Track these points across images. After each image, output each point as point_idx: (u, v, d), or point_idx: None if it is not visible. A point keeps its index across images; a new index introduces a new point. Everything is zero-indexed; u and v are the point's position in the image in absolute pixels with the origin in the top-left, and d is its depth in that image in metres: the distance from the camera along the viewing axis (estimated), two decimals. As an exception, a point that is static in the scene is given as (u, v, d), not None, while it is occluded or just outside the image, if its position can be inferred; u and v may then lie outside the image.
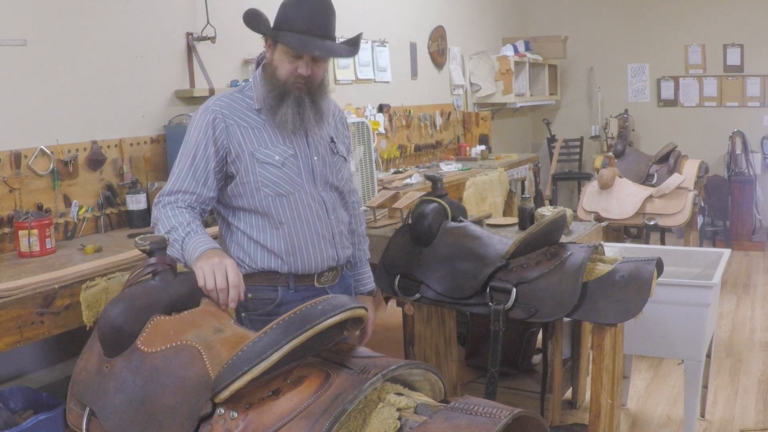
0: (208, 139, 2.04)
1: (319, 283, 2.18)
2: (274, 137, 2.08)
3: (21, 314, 2.16)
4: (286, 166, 2.08)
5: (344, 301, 1.39)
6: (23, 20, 2.91)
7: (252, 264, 2.12)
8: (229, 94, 2.12)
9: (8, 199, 2.84)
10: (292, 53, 2.03)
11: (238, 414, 1.29)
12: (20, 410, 2.58)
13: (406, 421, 1.21)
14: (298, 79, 2.04)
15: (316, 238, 2.13)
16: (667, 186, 4.83)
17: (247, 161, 2.06)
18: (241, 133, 2.06)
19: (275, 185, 2.07)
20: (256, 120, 2.09)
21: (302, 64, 2.03)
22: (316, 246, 2.13)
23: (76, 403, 1.54)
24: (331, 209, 2.17)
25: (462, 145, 6.32)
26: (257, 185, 2.07)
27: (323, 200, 2.15)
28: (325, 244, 2.15)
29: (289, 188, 2.09)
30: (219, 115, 2.05)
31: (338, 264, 2.22)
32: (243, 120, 2.07)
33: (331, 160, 2.19)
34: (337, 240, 2.18)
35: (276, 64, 2.06)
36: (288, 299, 2.13)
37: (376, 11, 5.41)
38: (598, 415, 2.34)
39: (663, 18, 7.67)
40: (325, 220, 2.15)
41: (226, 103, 2.08)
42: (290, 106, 2.05)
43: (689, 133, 7.45)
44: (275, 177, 2.07)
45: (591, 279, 2.29)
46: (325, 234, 2.15)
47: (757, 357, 4.09)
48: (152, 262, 1.65)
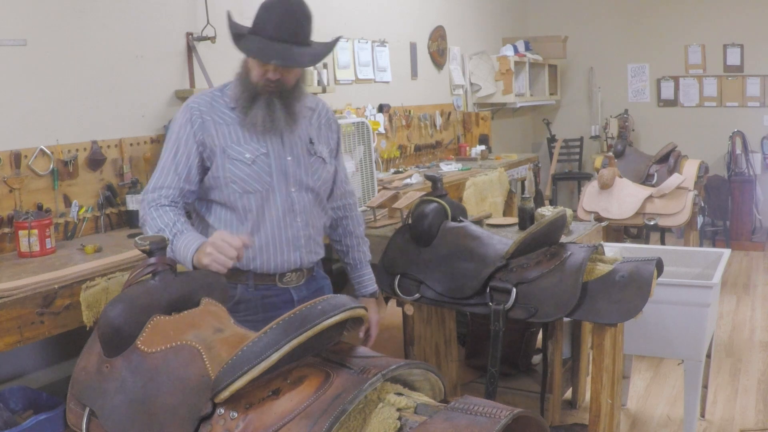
0: (188, 135, 2.08)
1: (282, 283, 2.17)
2: (248, 135, 2.09)
3: (21, 314, 2.16)
4: (256, 164, 2.09)
5: (344, 301, 1.39)
6: (23, 20, 2.91)
7: None
8: (209, 92, 2.16)
9: (8, 199, 2.84)
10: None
11: (238, 414, 1.29)
12: (20, 410, 2.58)
13: (406, 421, 1.21)
14: (268, 83, 2.05)
15: (278, 239, 2.13)
16: (667, 186, 4.83)
17: (218, 157, 2.08)
18: (215, 129, 2.08)
19: (243, 182, 2.08)
20: (232, 117, 2.10)
21: (271, 69, 2.03)
22: (278, 247, 2.13)
23: (76, 403, 1.54)
24: (300, 211, 2.16)
25: (462, 145, 6.32)
26: (226, 181, 2.09)
27: (293, 201, 2.14)
28: (288, 247, 2.14)
29: (257, 186, 2.09)
30: (196, 112, 2.09)
31: (303, 267, 2.20)
32: (219, 117, 2.10)
33: (306, 161, 2.17)
34: (302, 243, 2.16)
35: (249, 66, 2.08)
36: (247, 297, 2.14)
37: (376, 11, 5.41)
38: (598, 415, 2.34)
39: (663, 18, 7.67)
40: (292, 222, 2.14)
41: (204, 101, 2.12)
42: (261, 108, 2.06)
43: (689, 133, 7.46)
44: (244, 174, 2.08)
45: (591, 279, 2.29)
46: (289, 236, 2.14)
47: (757, 357, 4.09)
48: (152, 262, 1.65)
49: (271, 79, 2.04)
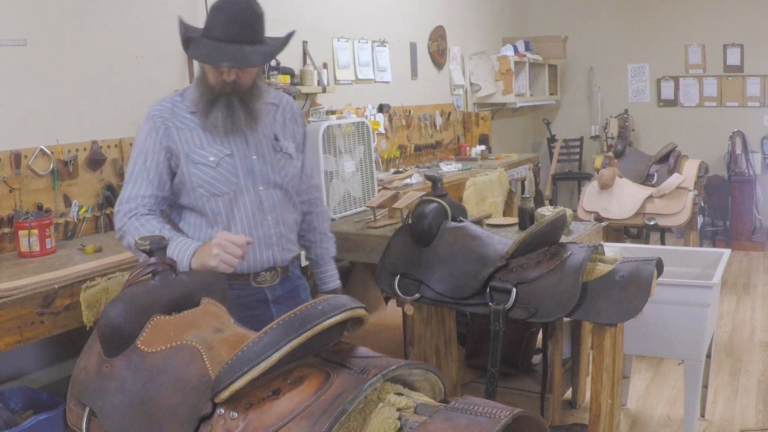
0: (154, 142, 2.07)
1: (256, 282, 2.17)
2: (211, 138, 2.09)
3: (21, 314, 2.16)
4: (221, 166, 2.08)
5: (344, 301, 1.39)
6: (23, 20, 2.91)
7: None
8: (170, 98, 2.14)
9: (8, 199, 2.84)
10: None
11: (238, 414, 1.29)
12: (20, 410, 2.58)
13: (406, 421, 1.21)
14: (225, 85, 2.05)
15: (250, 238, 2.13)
16: (667, 186, 4.83)
17: (183, 162, 2.07)
18: (178, 135, 2.07)
19: (209, 185, 2.08)
20: (194, 122, 2.09)
21: (225, 71, 2.03)
22: (250, 247, 2.11)
23: (76, 403, 1.54)
24: (270, 209, 2.16)
25: (462, 145, 6.32)
26: (192, 185, 2.08)
27: (261, 200, 2.14)
28: (260, 246, 2.14)
29: (224, 188, 2.09)
30: (159, 119, 2.08)
31: (276, 266, 2.20)
32: (180, 122, 2.09)
33: (272, 158, 2.17)
34: (274, 241, 2.17)
35: (205, 70, 2.07)
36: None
37: (376, 11, 5.41)
38: (598, 415, 2.34)
39: (663, 18, 7.67)
40: (261, 221, 2.14)
41: (165, 107, 2.10)
42: (220, 110, 2.06)
43: (689, 133, 7.46)
44: (209, 177, 2.08)
45: (591, 279, 2.29)
46: (260, 235, 2.14)
47: (757, 357, 4.09)
48: (152, 262, 1.65)
49: (227, 81, 2.03)
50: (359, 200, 3.90)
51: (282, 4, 4.38)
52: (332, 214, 3.63)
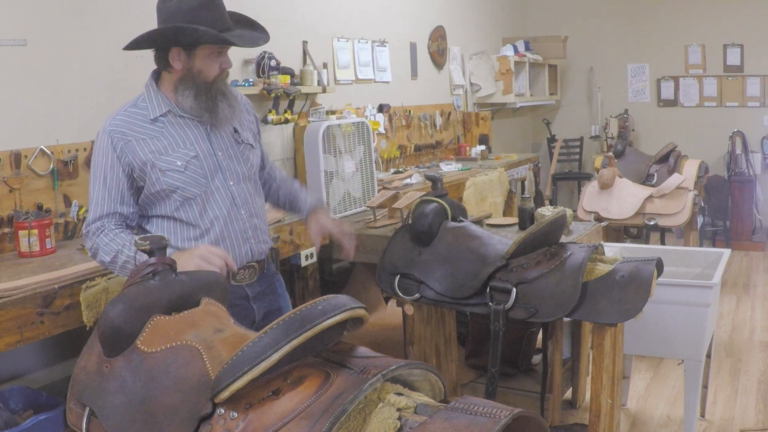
0: (112, 160, 2.04)
1: (235, 281, 2.18)
2: (173, 143, 2.08)
3: (21, 314, 2.16)
4: (189, 169, 2.08)
5: (344, 301, 1.39)
6: (23, 20, 2.91)
7: None
8: (123, 111, 2.10)
9: (8, 199, 2.84)
10: (216, 52, 2.06)
11: (238, 414, 1.29)
12: (20, 410, 2.58)
13: (406, 421, 1.21)
14: (223, 75, 2.11)
15: (228, 236, 2.14)
16: (667, 186, 4.83)
17: (150, 172, 2.05)
18: (139, 147, 2.05)
19: (182, 190, 2.08)
20: (153, 129, 2.08)
21: (224, 60, 2.09)
22: (228, 243, 2.14)
23: (76, 403, 1.54)
24: (242, 203, 2.18)
25: (462, 145, 6.32)
26: (165, 193, 2.08)
27: (233, 196, 2.16)
28: (238, 241, 2.16)
29: (195, 191, 2.10)
30: (116, 134, 2.05)
31: (254, 260, 2.22)
32: (139, 133, 2.06)
33: (237, 151, 2.19)
34: (250, 234, 2.19)
35: (199, 68, 2.06)
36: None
37: (376, 11, 5.41)
38: (598, 415, 2.34)
39: (663, 18, 7.67)
40: (236, 216, 2.16)
41: (121, 121, 2.07)
42: (223, 102, 2.10)
43: (689, 133, 7.46)
44: (180, 182, 2.07)
45: (591, 279, 2.29)
46: (236, 230, 2.16)
47: (757, 357, 4.10)
48: (152, 262, 1.65)
49: (226, 68, 2.10)
50: (359, 200, 3.90)
51: (282, 4, 4.38)
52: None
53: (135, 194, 2.10)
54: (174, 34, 2.00)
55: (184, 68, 2.06)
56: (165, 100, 2.10)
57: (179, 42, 2.02)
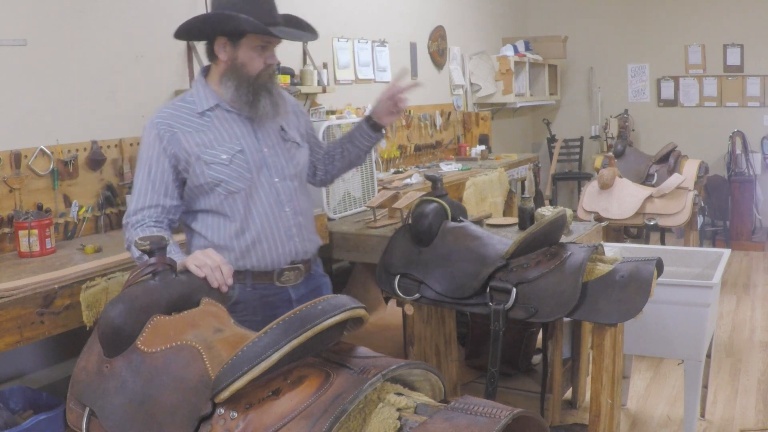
0: (158, 152, 2.07)
1: (280, 282, 2.18)
2: (219, 137, 2.10)
3: (21, 314, 2.16)
4: (234, 163, 2.09)
5: (344, 301, 1.39)
6: (23, 20, 2.91)
7: None
8: (171, 104, 2.15)
9: (8, 199, 2.84)
10: (262, 46, 2.07)
11: (238, 414, 1.29)
12: (20, 410, 2.58)
13: (406, 421, 1.21)
14: (267, 70, 2.10)
15: (270, 232, 2.13)
16: (667, 186, 4.83)
17: (195, 165, 2.07)
18: (185, 139, 2.07)
19: (226, 183, 2.09)
20: (199, 123, 2.10)
21: (269, 55, 2.10)
22: (271, 241, 2.13)
23: (76, 403, 1.54)
24: (287, 201, 2.17)
25: (462, 145, 6.32)
26: (209, 186, 2.09)
27: (278, 192, 2.15)
28: (281, 239, 2.15)
29: (240, 185, 2.10)
30: (163, 126, 2.08)
31: (299, 259, 2.20)
32: (186, 126, 2.09)
33: (283, 149, 2.20)
34: (294, 232, 2.18)
35: (243, 61, 2.08)
36: (245, 297, 2.14)
37: (376, 11, 5.41)
38: (598, 415, 2.34)
39: (663, 18, 7.67)
40: (280, 213, 2.15)
41: (168, 113, 2.10)
42: (266, 98, 2.10)
43: (689, 133, 7.46)
44: (225, 175, 2.08)
45: (591, 279, 2.29)
46: (280, 227, 2.15)
47: (757, 357, 4.10)
48: (152, 262, 1.65)
49: (271, 64, 2.10)
50: (359, 200, 3.90)
51: (282, 4, 4.37)
52: (332, 214, 3.64)
53: (179, 187, 2.11)
54: (217, 21, 2.04)
55: (228, 59, 2.09)
56: (213, 94, 2.13)
57: (222, 30, 2.05)
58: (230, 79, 2.09)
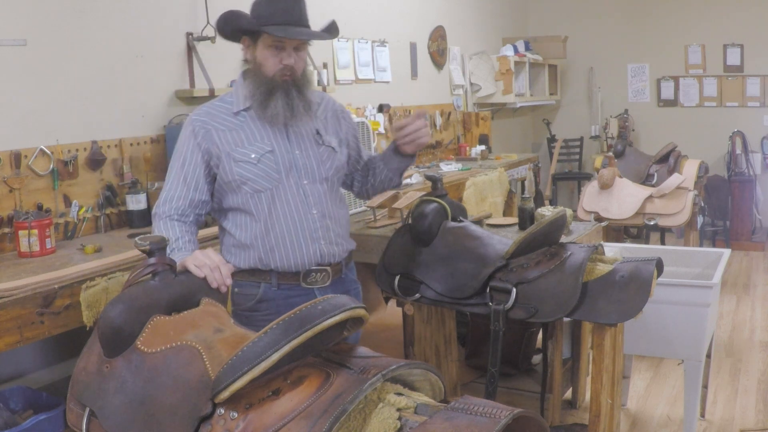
0: (192, 147, 2.12)
1: (306, 283, 2.18)
2: (251, 136, 2.13)
3: (21, 314, 2.16)
4: (262, 163, 2.11)
5: (344, 301, 1.39)
6: (23, 20, 2.91)
7: (235, 262, 2.16)
8: (210, 104, 2.20)
9: (8, 199, 2.84)
10: (276, 46, 2.08)
11: (238, 414, 1.29)
12: (20, 410, 2.58)
13: (406, 421, 1.21)
14: (284, 71, 2.10)
15: (295, 233, 2.14)
16: (667, 186, 4.83)
17: (225, 161, 2.11)
18: (218, 136, 2.12)
19: (253, 182, 2.11)
20: (234, 122, 2.14)
21: (286, 55, 2.09)
22: (294, 241, 2.14)
23: (76, 404, 1.54)
24: (315, 203, 2.17)
25: (462, 145, 6.32)
26: (236, 183, 2.12)
27: (305, 194, 2.16)
28: (306, 240, 2.15)
29: (266, 184, 2.12)
30: (198, 123, 2.13)
31: (326, 262, 2.20)
32: (221, 124, 2.13)
33: (316, 152, 2.20)
34: (320, 234, 2.17)
35: (260, 61, 2.11)
36: (270, 296, 2.16)
37: (376, 11, 5.41)
38: (598, 415, 2.34)
39: (663, 18, 7.67)
40: (306, 215, 2.15)
41: (205, 111, 2.16)
42: (280, 99, 2.10)
43: (689, 133, 7.45)
44: (252, 174, 2.11)
45: (591, 279, 2.29)
46: (305, 228, 2.15)
47: (757, 357, 4.09)
48: (152, 262, 1.65)
49: (288, 65, 2.09)
50: (359, 200, 3.90)
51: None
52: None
53: (210, 183, 2.15)
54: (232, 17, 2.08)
55: (251, 59, 2.14)
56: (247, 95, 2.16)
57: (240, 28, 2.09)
58: (250, 78, 2.14)
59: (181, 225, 2.08)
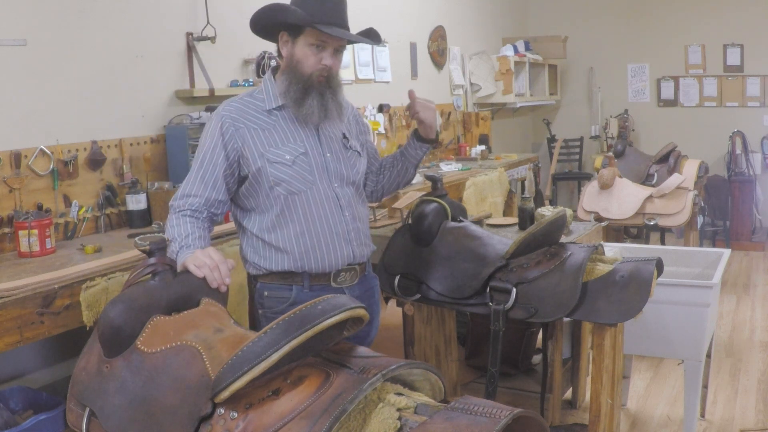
0: (216, 144, 2.08)
1: (336, 283, 2.18)
2: (284, 137, 2.11)
3: (21, 314, 2.16)
4: (296, 164, 2.10)
5: (344, 301, 1.39)
6: (23, 20, 2.91)
7: (266, 265, 2.14)
8: (239, 98, 2.16)
9: (8, 199, 2.84)
10: (317, 45, 2.06)
11: (238, 414, 1.29)
12: (20, 410, 2.58)
13: (406, 421, 1.21)
14: (322, 72, 2.09)
15: (330, 235, 2.14)
16: (667, 186, 4.83)
17: (258, 162, 2.08)
18: (250, 135, 2.09)
19: (287, 184, 2.09)
20: (266, 121, 2.12)
21: (326, 55, 2.08)
22: (329, 244, 2.14)
23: (76, 404, 1.54)
24: (346, 206, 2.18)
25: (462, 145, 6.32)
26: (270, 185, 2.09)
27: (337, 197, 2.16)
28: (339, 242, 2.15)
29: (301, 186, 2.11)
30: (228, 120, 2.09)
31: (356, 262, 2.21)
32: (252, 122, 2.10)
33: (344, 156, 2.20)
34: (352, 236, 2.18)
35: (299, 58, 2.09)
36: (302, 298, 2.13)
37: (376, 11, 5.40)
38: (598, 415, 2.34)
39: (663, 18, 7.67)
40: (339, 217, 2.15)
41: (236, 108, 2.12)
42: (315, 99, 2.08)
43: (689, 133, 7.45)
44: (287, 176, 2.09)
45: (591, 279, 2.29)
46: (339, 231, 2.15)
47: (757, 357, 4.10)
48: (152, 262, 1.65)
49: (327, 65, 2.08)
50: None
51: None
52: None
53: (231, 183, 2.11)
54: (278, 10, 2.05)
55: (288, 55, 2.11)
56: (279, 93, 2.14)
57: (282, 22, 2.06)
58: (285, 75, 2.11)
59: (193, 221, 2.04)
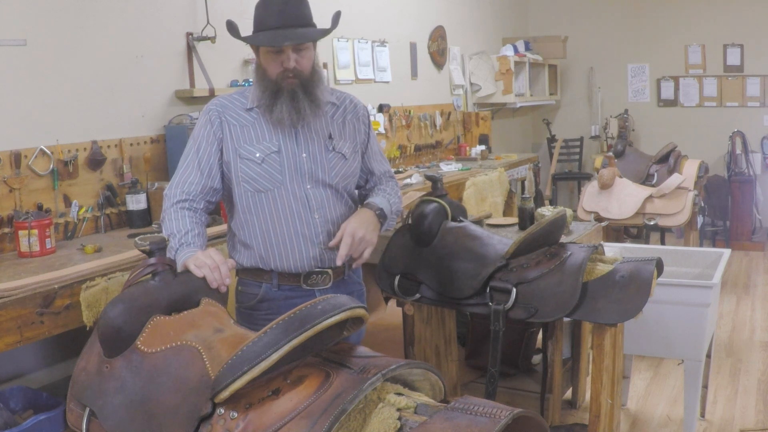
0: (208, 134, 2.13)
1: (308, 285, 2.17)
2: (260, 135, 2.13)
3: (21, 314, 2.16)
4: (266, 163, 2.11)
5: (344, 300, 1.39)
6: (23, 20, 2.91)
7: (239, 260, 2.18)
8: (227, 95, 2.21)
9: (8, 199, 2.84)
10: (274, 50, 2.07)
11: (238, 414, 1.29)
12: (20, 410, 2.58)
13: (406, 421, 1.21)
14: (287, 74, 2.08)
15: (295, 236, 2.13)
16: (667, 186, 4.83)
17: (230, 157, 2.12)
18: (229, 130, 2.13)
19: (254, 181, 2.11)
20: (246, 118, 2.15)
21: (286, 58, 2.07)
22: (295, 245, 2.13)
23: (76, 404, 1.54)
24: (317, 207, 2.15)
25: (462, 145, 6.32)
26: (237, 180, 2.13)
27: (307, 198, 2.14)
28: (306, 244, 2.14)
29: (267, 185, 2.12)
30: (214, 113, 2.15)
31: (326, 266, 2.18)
32: (233, 118, 2.14)
33: (323, 158, 2.17)
34: (321, 240, 2.15)
35: (263, 65, 2.11)
36: (270, 296, 2.16)
37: (376, 11, 5.41)
38: (598, 415, 2.34)
39: (663, 18, 7.67)
40: (307, 219, 2.14)
41: (221, 102, 2.18)
42: (285, 103, 2.08)
43: (689, 133, 7.45)
44: (254, 173, 2.11)
45: (591, 279, 2.29)
46: (305, 232, 2.14)
47: (757, 357, 4.09)
48: (152, 262, 1.65)
49: (288, 68, 2.07)
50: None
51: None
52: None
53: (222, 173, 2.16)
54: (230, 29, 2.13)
55: (256, 62, 2.16)
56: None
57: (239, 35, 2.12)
58: (257, 82, 2.15)
59: (191, 215, 2.06)
